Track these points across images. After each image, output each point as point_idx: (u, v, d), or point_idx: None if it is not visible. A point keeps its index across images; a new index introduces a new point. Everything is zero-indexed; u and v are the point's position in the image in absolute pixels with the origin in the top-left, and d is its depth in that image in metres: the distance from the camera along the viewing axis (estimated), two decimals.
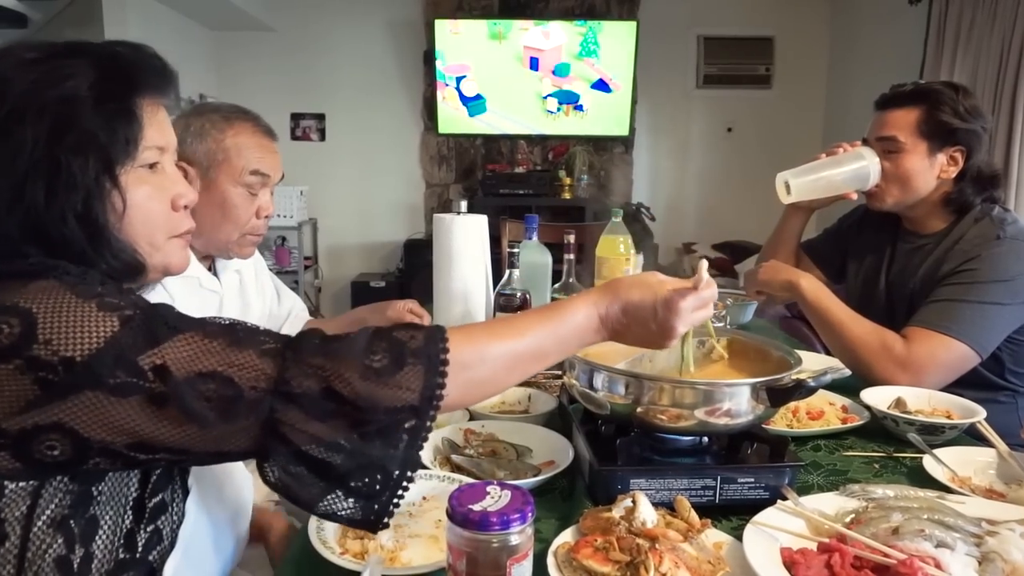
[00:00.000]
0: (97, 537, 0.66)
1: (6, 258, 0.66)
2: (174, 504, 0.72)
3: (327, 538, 0.82)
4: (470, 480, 0.94)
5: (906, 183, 1.51)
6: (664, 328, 0.82)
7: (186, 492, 0.74)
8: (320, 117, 5.07)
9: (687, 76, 4.99)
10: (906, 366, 1.36)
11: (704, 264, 0.89)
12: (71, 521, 0.63)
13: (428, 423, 0.67)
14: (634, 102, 4.75)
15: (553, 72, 4.67)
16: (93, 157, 0.69)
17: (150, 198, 0.75)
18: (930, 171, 1.49)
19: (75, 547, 0.64)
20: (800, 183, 1.56)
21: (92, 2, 3.85)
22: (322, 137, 5.10)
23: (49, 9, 4.46)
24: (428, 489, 0.96)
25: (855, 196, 1.59)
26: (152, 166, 0.76)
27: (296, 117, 5.06)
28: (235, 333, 0.65)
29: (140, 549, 0.68)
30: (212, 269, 1.44)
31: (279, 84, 4.96)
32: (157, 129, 0.76)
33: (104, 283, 0.67)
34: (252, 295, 1.55)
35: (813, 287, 1.50)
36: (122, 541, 0.67)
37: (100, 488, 0.66)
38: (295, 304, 1.71)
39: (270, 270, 1.71)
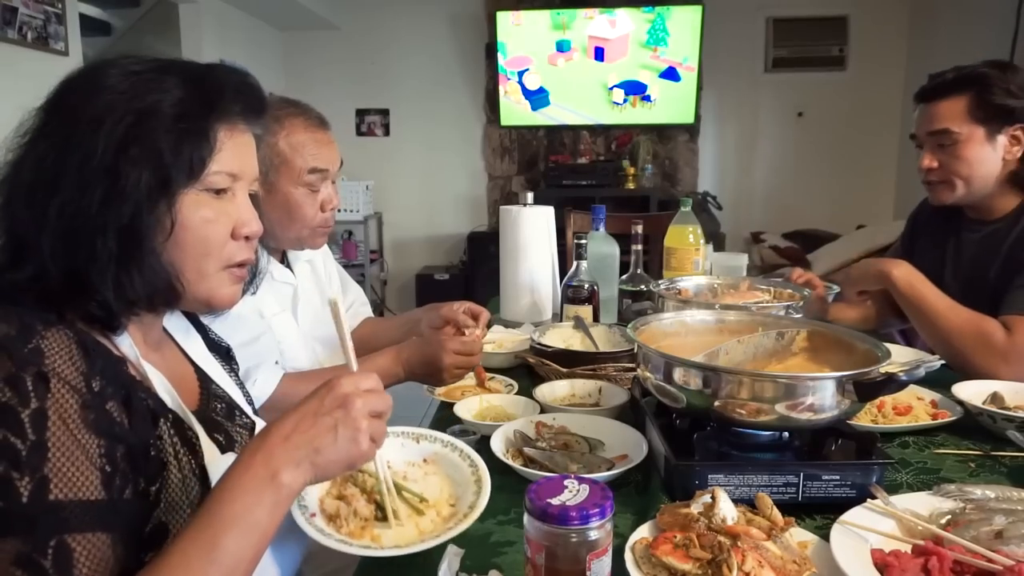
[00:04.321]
0: None
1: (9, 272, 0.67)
2: None
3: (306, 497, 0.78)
4: (545, 473, 0.93)
5: (971, 172, 1.45)
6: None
7: None
8: (384, 112, 5.15)
9: (755, 60, 4.85)
10: (1008, 357, 1.28)
11: None
12: None
13: None
14: (699, 89, 4.64)
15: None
16: (150, 173, 0.69)
17: (208, 222, 0.74)
18: (994, 155, 1.43)
19: None
20: None
21: (169, 9, 4.02)
22: (386, 132, 5.19)
23: (130, 17, 4.68)
24: (430, 451, 0.92)
25: None
26: (220, 192, 0.75)
27: (361, 113, 5.16)
28: None
29: None
30: (284, 261, 1.47)
31: (344, 81, 5.07)
32: (234, 155, 0.75)
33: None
34: (325, 284, 1.59)
35: (905, 275, 1.43)
36: None
37: None
38: (358, 297, 1.73)
39: (337, 263, 1.74)
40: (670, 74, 4.60)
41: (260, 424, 0.91)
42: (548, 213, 1.86)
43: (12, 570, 0.56)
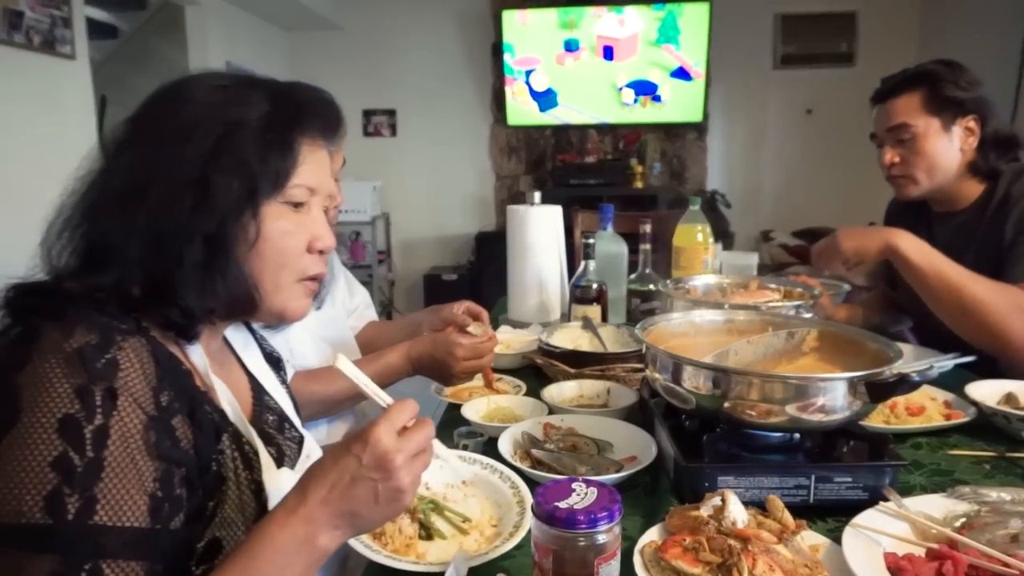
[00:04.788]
0: None
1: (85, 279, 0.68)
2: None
3: None
4: (553, 476, 0.93)
5: (932, 163, 1.49)
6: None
7: None
8: (391, 112, 5.15)
9: (763, 57, 4.82)
10: None
11: None
12: None
13: None
14: (707, 86, 4.62)
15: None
16: (239, 182, 0.70)
17: (287, 235, 0.75)
18: (951, 146, 1.48)
19: None
20: None
21: (175, 11, 4.02)
22: (393, 132, 5.19)
23: (136, 19, 4.69)
24: (470, 473, 0.94)
25: None
26: (298, 205, 0.76)
27: (368, 113, 5.16)
28: None
29: None
30: None
31: (350, 81, 5.07)
32: (313, 170, 0.77)
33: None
34: (333, 286, 1.59)
35: (917, 247, 1.32)
36: None
37: None
38: (364, 300, 1.73)
39: (344, 265, 1.74)
40: (681, 73, 4.58)
41: (308, 438, 0.91)
42: (556, 212, 1.86)
43: None
